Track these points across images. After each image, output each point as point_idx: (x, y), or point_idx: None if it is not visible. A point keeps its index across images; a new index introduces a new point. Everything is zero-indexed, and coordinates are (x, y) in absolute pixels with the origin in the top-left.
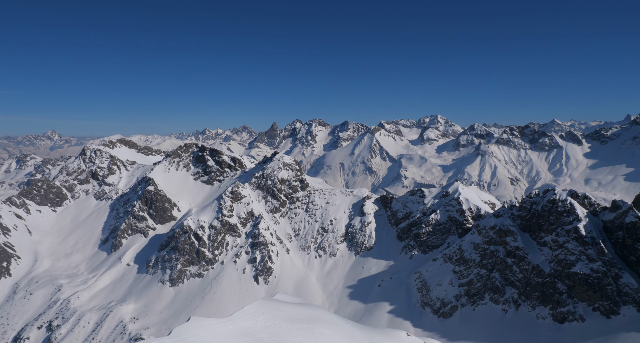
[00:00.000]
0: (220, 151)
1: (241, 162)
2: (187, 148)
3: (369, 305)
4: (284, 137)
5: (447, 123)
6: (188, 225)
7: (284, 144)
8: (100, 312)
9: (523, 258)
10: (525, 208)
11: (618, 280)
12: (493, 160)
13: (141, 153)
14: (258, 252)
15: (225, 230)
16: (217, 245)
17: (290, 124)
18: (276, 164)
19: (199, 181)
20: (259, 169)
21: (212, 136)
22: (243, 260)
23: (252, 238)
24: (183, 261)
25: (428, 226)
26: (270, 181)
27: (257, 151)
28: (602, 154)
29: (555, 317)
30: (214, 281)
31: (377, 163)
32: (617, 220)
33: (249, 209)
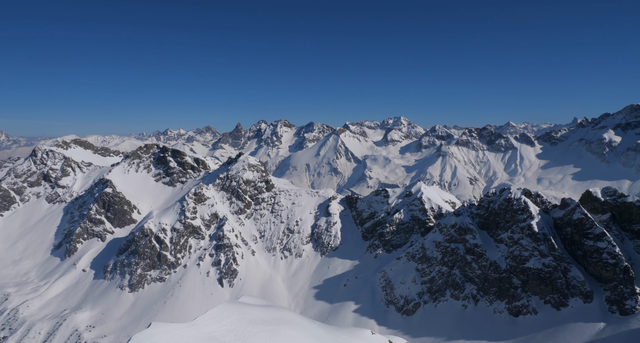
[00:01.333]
0: (182, 152)
1: (205, 163)
2: (147, 148)
3: (335, 305)
4: (249, 138)
5: (410, 125)
6: (149, 228)
7: (249, 145)
8: (53, 321)
9: (481, 255)
10: (483, 207)
11: (567, 274)
12: (453, 161)
13: (98, 153)
14: (222, 255)
15: (188, 233)
16: (180, 248)
17: (255, 124)
18: (241, 165)
19: (160, 183)
20: (224, 170)
21: (174, 137)
22: (207, 262)
23: (217, 240)
24: (143, 266)
25: (392, 226)
26: (235, 182)
27: (222, 152)
28: (553, 155)
29: (510, 311)
30: (177, 286)
31: (342, 163)
32: (565, 217)
33: (213, 211)
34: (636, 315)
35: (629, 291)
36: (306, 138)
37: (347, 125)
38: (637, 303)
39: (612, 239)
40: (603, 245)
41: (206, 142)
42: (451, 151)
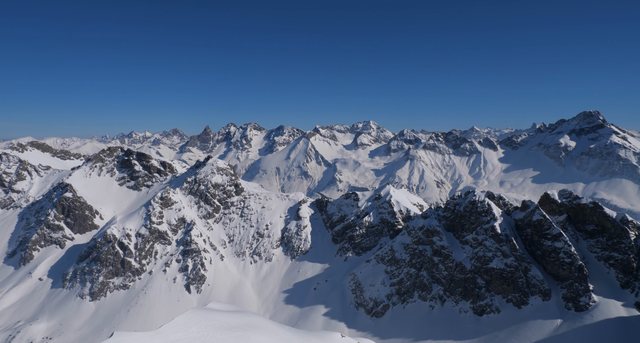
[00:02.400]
0: (148, 155)
1: (172, 166)
2: (111, 151)
3: (305, 309)
4: (217, 141)
5: (379, 129)
6: (112, 234)
7: (217, 148)
8: (5, 334)
9: (448, 256)
10: (450, 209)
11: (527, 273)
12: (421, 164)
13: (57, 157)
14: (190, 260)
15: (154, 238)
16: (145, 254)
17: (224, 127)
18: (210, 168)
19: (124, 187)
20: (191, 173)
21: (140, 140)
22: (174, 268)
23: (184, 245)
24: (106, 273)
25: (362, 229)
26: (203, 186)
27: (189, 155)
28: (514, 158)
29: (475, 310)
30: (141, 293)
31: (312, 167)
32: (526, 219)
33: (181, 215)
34: (589, 311)
35: (583, 289)
36: (276, 142)
37: (318, 129)
38: (591, 300)
39: (568, 239)
40: (560, 244)
41: (173, 145)
42: (419, 155)
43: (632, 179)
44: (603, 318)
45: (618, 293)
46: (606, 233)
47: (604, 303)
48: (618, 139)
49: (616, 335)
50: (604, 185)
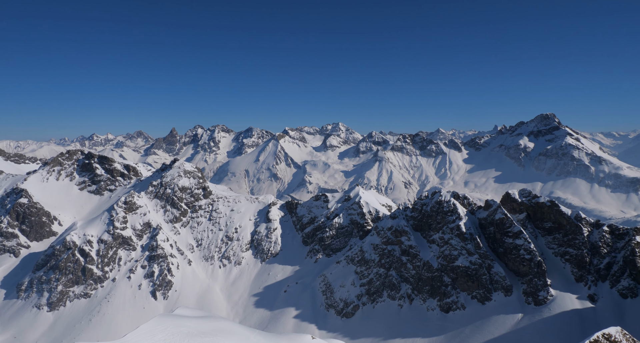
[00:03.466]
0: (111, 158)
1: (136, 170)
2: (70, 154)
3: (275, 312)
4: (184, 143)
5: (348, 130)
6: (72, 241)
7: (184, 151)
8: None
9: (415, 256)
10: (417, 209)
11: (490, 270)
12: (389, 166)
13: (10, 160)
14: (156, 266)
15: (117, 244)
16: (108, 260)
17: (191, 129)
18: (176, 171)
19: (85, 192)
20: (157, 177)
21: (102, 142)
22: (139, 275)
23: (150, 251)
24: (65, 282)
25: (332, 230)
26: (169, 189)
27: (155, 158)
28: (477, 159)
29: (442, 308)
30: (104, 301)
31: (282, 169)
32: (489, 217)
33: (146, 220)
34: (548, 304)
35: (541, 284)
36: (245, 144)
37: (287, 131)
38: (548, 294)
39: (528, 236)
40: (520, 242)
41: (138, 148)
42: (387, 156)
43: (585, 179)
44: (560, 311)
45: (573, 287)
46: (562, 230)
47: (560, 297)
48: (572, 141)
49: (572, 327)
50: (560, 184)
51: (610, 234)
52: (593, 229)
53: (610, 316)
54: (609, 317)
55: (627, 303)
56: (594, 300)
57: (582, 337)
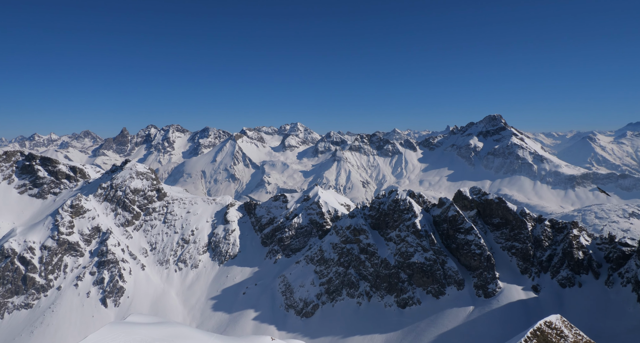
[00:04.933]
0: (55, 160)
1: (83, 171)
2: (8, 156)
3: (234, 315)
4: (136, 143)
5: (307, 130)
6: (10, 248)
7: (136, 152)
8: None
9: (374, 254)
10: (375, 208)
11: (444, 266)
12: (347, 165)
13: None
14: (106, 272)
15: (63, 250)
16: (53, 268)
17: (143, 129)
18: (128, 173)
19: (26, 195)
20: (107, 179)
21: (44, 143)
22: (87, 282)
23: (99, 256)
24: (3, 292)
25: (291, 230)
26: (120, 191)
27: (104, 159)
28: (431, 159)
29: (399, 303)
30: (48, 311)
31: (240, 169)
32: (442, 214)
33: (95, 224)
34: (496, 296)
35: (490, 277)
36: (201, 144)
37: (245, 131)
38: (497, 287)
39: (478, 232)
40: (471, 237)
41: (85, 148)
42: (345, 156)
43: (529, 176)
44: (507, 302)
45: (519, 279)
46: (509, 225)
47: (507, 289)
48: (517, 141)
49: (518, 316)
50: (507, 182)
51: (551, 228)
52: (536, 224)
53: (552, 305)
54: (551, 306)
55: (565, 292)
56: (537, 291)
57: (527, 325)
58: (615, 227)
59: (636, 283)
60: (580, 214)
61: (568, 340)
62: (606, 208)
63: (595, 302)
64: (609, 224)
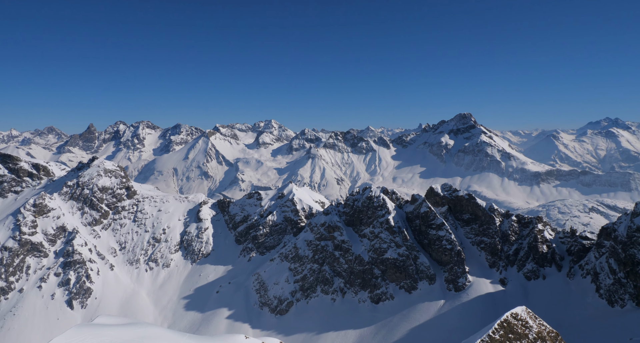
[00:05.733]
0: (16, 157)
1: (47, 169)
2: None
3: (207, 314)
4: (104, 140)
5: (281, 128)
6: None
7: (104, 149)
8: None
9: (348, 250)
10: (349, 205)
11: (416, 261)
12: (322, 163)
13: None
14: (72, 273)
15: (25, 251)
16: (14, 269)
17: (112, 125)
18: (95, 170)
19: None
20: (73, 176)
21: (4, 139)
22: (51, 283)
23: (65, 257)
24: None
25: (265, 228)
26: (87, 190)
27: (70, 156)
28: (404, 156)
29: (372, 299)
30: (9, 315)
31: (213, 167)
32: (415, 211)
33: (60, 223)
34: (466, 290)
35: (460, 271)
36: (173, 141)
37: (218, 127)
38: (467, 280)
39: (449, 228)
40: (443, 233)
41: (49, 145)
42: (320, 153)
43: (497, 173)
44: (476, 295)
45: (487, 272)
46: (478, 220)
47: (476, 282)
48: (486, 138)
49: (486, 309)
50: (476, 178)
51: (517, 223)
52: (504, 219)
53: (518, 297)
54: (517, 298)
55: (530, 284)
56: (504, 284)
57: (495, 317)
58: (577, 221)
59: (595, 275)
60: (544, 209)
61: (532, 331)
62: (568, 204)
63: (558, 293)
64: (570, 218)
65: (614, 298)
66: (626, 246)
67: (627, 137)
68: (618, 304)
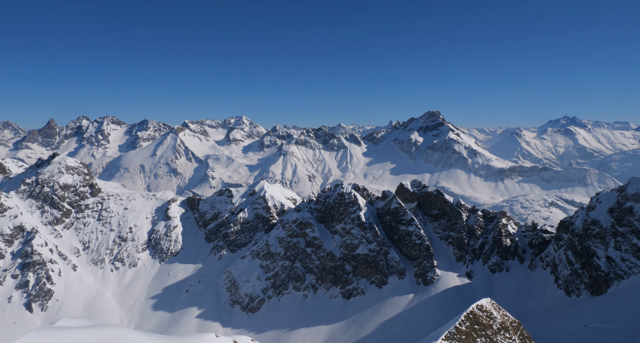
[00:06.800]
0: None
1: (3, 166)
2: None
3: (176, 313)
4: (66, 136)
5: (252, 124)
6: None
7: (66, 145)
8: None
9: (320, 247)
10: (321, 202)
11: (387, 256)
12: (294, 159)
13: None
14: (31, 274)
15: None
16: None
17: (74, 121)
18: (56, 167)
19: None
20: (32, 174)
21: None
22: (8, 286)
23: (23, 258)
24: None
25: (236, 225)
26: (48, 187)
27: (28, 153)
28: (375, 153)
29: (344, 295)
30: None
31: (182, 164)
32: (386, 207)
33: (17, 223)
34: (434, 284)
35: (429, 265)
36: (140, 137)
37: (187, 124)
38: (435, 274)
39: (419, 223)
40: (412, 228)
41: (4, 141)
42: (291, 150)
43: (464, 169)
44: (444, 289)
45: (454, 266)
46: (446, 216)
47: (444, 276)
48: (453, 136)
49: (453, 301)
50: (444, 175)
51: (483, 218)
52: (470, 214)
53: (483, 289)
54: (482, 290)
55: (495, 277)
56: (470, 277)
57: (462, 310)
58: (538, 216)
59: (554, 266)
60: (508, 204)
61: (496, 321)
62: (530, 199)
63: (520, 284)
64: (532, 213)
65: (571, 288)
66: (582, 239)
67: (583, 135)
68: (575, 294)
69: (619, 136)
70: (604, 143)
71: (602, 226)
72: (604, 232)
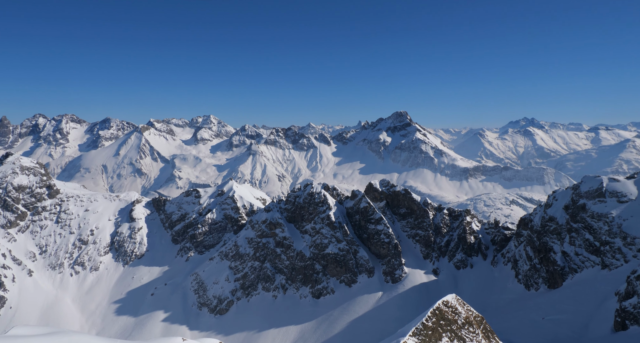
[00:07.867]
0: None
1: None
2: None
3: (141, 318)
4: (20, 135)
5: (220, 123)
6: None
7: (21, 144)
8: None
9: (289, 247)
10: (291, 202)
11: (356, 255)
12: (263, 159)
13: None
14: None
15: None
16: None
17: (30, 119)
18: (10, 167)
19: None
20: None
21: None
22: None
23: None
24: None
25: (204, 226)
26: (0, 189)
27: None
28: (344, 153)
29: (314, 294)
30: None
31: (147, 164)
32: (355, 206)
33: None
34: (402, 281)
35: (397, 263)
36: (102, 136)
37: (152, 122)
38: (403, 272)
39: (387, 222)
40: (381, 227)
41: None
42: (261, 150)
43: (431, 169)
44: (411, 286)
45: (422, 264)
46: (414, 214)
47: (412, 273)
48: (421, 136)
49: (420, 298)
50: (412, 174)
51: (448, 216)
52: (436, 212)
53: (449, 285)
54: (448, 286)
55: (460, 273)
56: (437, 274)
57: (429, 306)
58: (500, 213)
59: (514, 262)
60: (472, 202)
61: (461, 316)
62: (492, 197)
63: (483, 280)
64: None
65: (530, 283)
66: (540, 235)
67: (541, 135)
68: (533, 287)
69: (573, 136)
70: (559, 143)
71: (558, 223)
72: (560, 228)
